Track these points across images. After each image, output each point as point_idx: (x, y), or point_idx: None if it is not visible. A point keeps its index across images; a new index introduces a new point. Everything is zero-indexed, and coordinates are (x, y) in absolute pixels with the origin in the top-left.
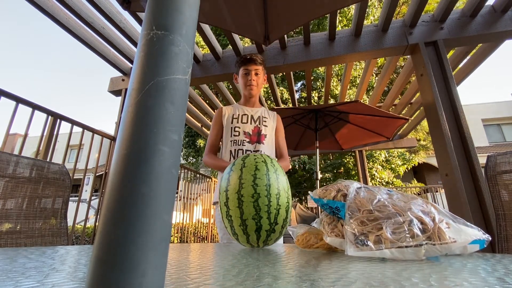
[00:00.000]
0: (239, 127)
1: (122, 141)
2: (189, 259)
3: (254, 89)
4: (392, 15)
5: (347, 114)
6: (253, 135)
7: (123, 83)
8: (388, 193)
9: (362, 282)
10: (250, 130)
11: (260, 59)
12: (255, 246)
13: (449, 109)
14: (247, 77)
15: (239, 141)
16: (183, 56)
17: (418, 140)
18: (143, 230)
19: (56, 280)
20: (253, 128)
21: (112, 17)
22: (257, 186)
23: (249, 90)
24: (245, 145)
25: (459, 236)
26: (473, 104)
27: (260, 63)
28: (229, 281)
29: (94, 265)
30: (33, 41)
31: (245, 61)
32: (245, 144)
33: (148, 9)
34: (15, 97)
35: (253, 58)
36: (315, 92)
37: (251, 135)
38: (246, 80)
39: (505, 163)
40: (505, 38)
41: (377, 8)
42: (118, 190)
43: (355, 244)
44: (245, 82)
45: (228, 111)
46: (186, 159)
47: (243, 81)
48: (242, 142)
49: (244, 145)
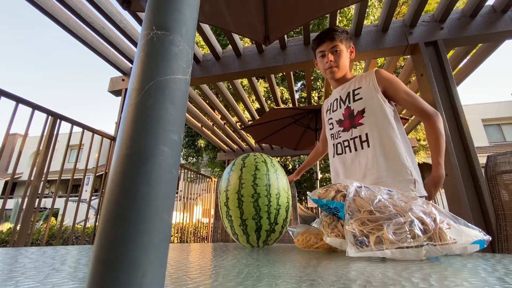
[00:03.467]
0: (331, 117)
1: (122, 141)
2: (189, 259)
3: (336, 71)
4: (392, 15)
5: None
6: (345, 120)
7: (123, 83)
8: (389, 193)
9: (362, 282)
10: (341, 115)
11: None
12: (255, 246)
13: (449, 109)
14: (323, 60)
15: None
16: (183, 56)
17: (418, 140)
18: (143, 230)
19: (56, 280)
20: (343, 111)
21: (112, 17)
22: (257, 186)
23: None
24: (341, 135)
25: (459, 237)
26: (473, 104)
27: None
28: (229, 281)
29: (94, 265)
30: (33, 41)
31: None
32: (341, 135)
33: (148, 9)
34: (15, 97)
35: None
36: (315, 92)
37: (343, 122)
38: (323, 64)
39: (505, 163)
40: (505, 38)
41: (377, 8)
42: (118, 190)
43: (355, 245)
44: (323, 66)
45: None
46: (186, 159)
47: (321, 65)
48: (338, 134)
49: (340, 137)
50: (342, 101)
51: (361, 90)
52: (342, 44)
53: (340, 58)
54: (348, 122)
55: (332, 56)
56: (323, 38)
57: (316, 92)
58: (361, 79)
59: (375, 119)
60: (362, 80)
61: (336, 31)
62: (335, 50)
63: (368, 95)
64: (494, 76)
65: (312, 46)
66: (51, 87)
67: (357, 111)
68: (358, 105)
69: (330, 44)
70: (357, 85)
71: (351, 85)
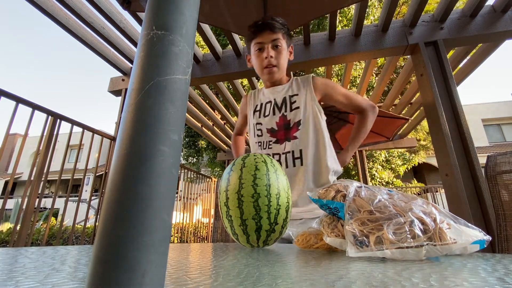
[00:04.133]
0: (261, 123)
1: (122, 141)
2: (189, 259)
3: (275, 72)
4: (392, 15)
5: (347, 114)
6: (279, 131)
7: (123, 83)
8: (389, 193)
9: (362, 282)
10: (275, 124)
11: (280, 22)
12: (255, 246)
13: (449, 109)
14: (261, 55)
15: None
16: (183, 56)
17: (418, 140)
18: (143, 230)
19: (56, 280)
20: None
21: (112, 17)
22: (257, 186)
23: (267, 75)
24: (272, 147)
25: (460, 237)
26: (473, 104)
27: (280, 28)
28: (229, 281)
29: (94, 265)
30: (33, 41)
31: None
32: (271, 146)
33: (148, 9)
34: (15, 97)
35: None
36: None
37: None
38: (260, 61)
39: (505, 163)
40: (505, 38)
41: (377, 8)
42: (118, 190)
43: (355, 245)
44: (259, 63)
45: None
46: (187, 159)
47: (257, 62)
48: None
49: (271, 148)
50: (277, 107)
51: (298, 98)
52: (283, 39)
53: (281, 56)
54: (283, 134)
55: (273, 51)
56: (263, 27)
57: None
58: (298, 84)
59: (311, 134)
60: (299, 86)
61: (278, 22)
62: (275, 45)
63: (305, 105)
64: (494, 76)
65: (248, 37)
66: (51, 87)
67: (294, 123)
68: (294, 115)
69: (270, 35)
70: (294, 91)
71: (288, 89)
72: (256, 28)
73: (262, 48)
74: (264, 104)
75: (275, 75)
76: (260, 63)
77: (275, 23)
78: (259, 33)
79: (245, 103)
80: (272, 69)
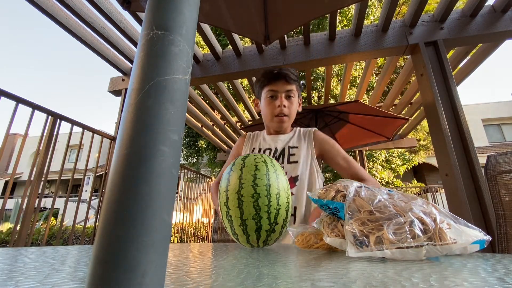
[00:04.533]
0: None
1: (122, 141)
2: (189, 259)
3: (285, 122)
4: (392, 15)
5: (347, 114)
6: None
7: (123, 83)
8: (389, 193)
9: (362, 282)
10: None
11: (295, 74)
12: (255, 246)
13: (449, 109)
14: (273, 103)
15: None
16: (183, 56)
17: (418, 140)
18: (143, 230)
19: (56, 280)
20: None
21: (112, 17)
22: (257, 186)
23: (277, 123)
24: None
25: (460, 237)
26: (473, 104)
27: (294, 80)
28: (229, 281)
29: (94, 265)
30: (33, 41)
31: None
32: None
33: (148, 9)
34: (15, 97)
35: (283, 72)
36: (315, 92)
37: None
38: (272, 108)
39: (505, 163)
40: (505, 38)
41: (377, 8)
42: (118, 190)
43: (355, 245)
44: (271, 110)
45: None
46: (187, 159)
47: (268, 109)
48: None
49: None
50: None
51: (297, 151)
52: (296, 91)
53: (293, 107)
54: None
55: (286, 101)
56: (279, 77)
57: (316, 92)
58: (300, 137)
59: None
60: (301, 138)
61: (293, 74)
62: (289, 95)
63: (304, 161)
64: (494, 76)
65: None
66: (51, 87)
67: (291, 176)
68: (292, 169)
69: (285, 85)
70: (295, 143)
71: (290, 140)
72: (271, 76)
73: (275, 96)
74: (262, 150)
75: (285, 124)
76: (272, 110)
77: (290, 75)
78: (274, 81)
79: (241, 144)
80: (283, 118)
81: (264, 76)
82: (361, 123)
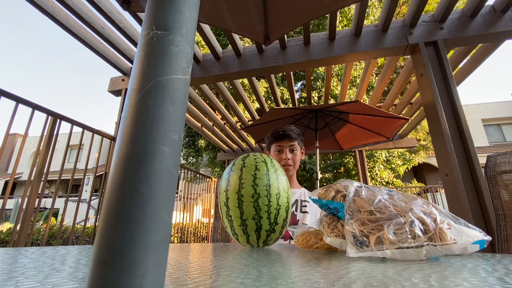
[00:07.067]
0: None
1: (122, 141)
2: (189, 259)
3: (290, 170)
4: (392, 15)
5: (347, 114)
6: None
7: (123, 83)
8: (389, 193)
9: (362, 282)
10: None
11: (296, 133)
12: (255, 246)
13: (449, 109)
14: (280, 155)
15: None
16: (183, 56)
17: (418, 140)
18: (143, 230)
19: (56, 280)
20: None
21: (112, 17)
22: (257, 186)
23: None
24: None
25: (460, 237)
26: (473, 104)
27: (296, 137)
28: (229, 281)
29: (94, 265)
30: (33, 41)
31: (277, 136)
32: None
33: (148, 9)
34: (15, 97)
35: (286, 132)
36: (315, 92)
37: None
38: (279, 159)
39: (505, 163)
40: (505, 38)
41: (377, 8)
42: (118, 190)
43: (355, 245)
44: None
45: None
46: (186, 159)
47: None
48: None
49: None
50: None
51: (308, 204)
52: (298, 145)
53: (296, 158)
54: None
55: (290, 154)
56: (283, 136)
57: (316, 92)
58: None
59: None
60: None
61: (295, 133)
62: (292, 149)
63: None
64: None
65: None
66: (51, 87)
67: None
68: (303, 218)
69: (288, 142)
70: (306, 198)
71: (300, 195)
72: (278, 136)
73: (282, 150)
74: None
75: (290, 172)
76: (278, 161)
77: (292, 134)
78: (280, 139)
79: None
80: (289, 167)
81: (272, 136)
82: (361, 123)
